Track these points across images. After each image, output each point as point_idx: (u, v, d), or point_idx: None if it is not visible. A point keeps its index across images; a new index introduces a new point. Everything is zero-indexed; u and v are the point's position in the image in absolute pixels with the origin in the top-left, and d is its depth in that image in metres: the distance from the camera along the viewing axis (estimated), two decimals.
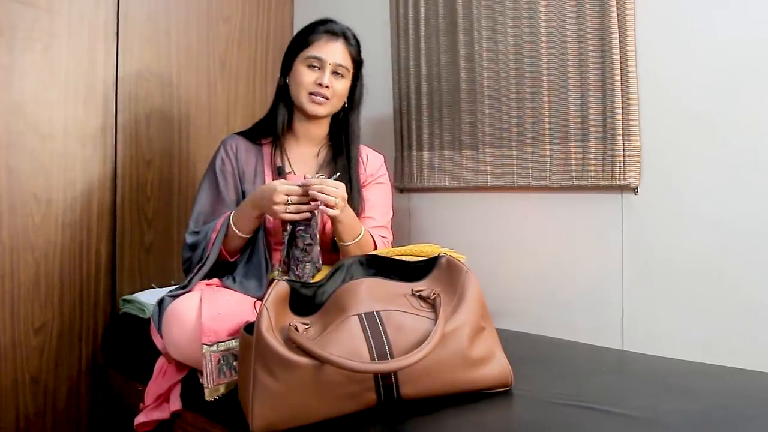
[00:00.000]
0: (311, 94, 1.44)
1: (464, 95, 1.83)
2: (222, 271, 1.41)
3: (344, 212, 1.33)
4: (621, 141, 1.49)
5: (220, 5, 2.19)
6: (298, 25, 2.40)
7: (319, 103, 1.45)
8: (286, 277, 1.14)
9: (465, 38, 1.82)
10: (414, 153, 1.97)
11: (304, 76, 1.44)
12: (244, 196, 1.46)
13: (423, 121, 1.94)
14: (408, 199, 2.02)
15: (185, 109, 2.09)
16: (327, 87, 1.43)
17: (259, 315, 0.95)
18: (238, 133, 1.55)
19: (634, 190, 1.51)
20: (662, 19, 1.46)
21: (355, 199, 1.49)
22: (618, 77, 1.49)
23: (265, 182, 1.45)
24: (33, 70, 1.75)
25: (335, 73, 1.45)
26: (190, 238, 1.44)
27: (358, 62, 1.50)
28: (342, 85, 1.47)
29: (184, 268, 1.46)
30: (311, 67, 1.44)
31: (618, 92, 1.49)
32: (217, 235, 1.37)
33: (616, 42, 1.49)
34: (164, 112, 2.04)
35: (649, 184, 1.49)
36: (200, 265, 1.37)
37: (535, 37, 1.65)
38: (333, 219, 1.33)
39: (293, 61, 1.48)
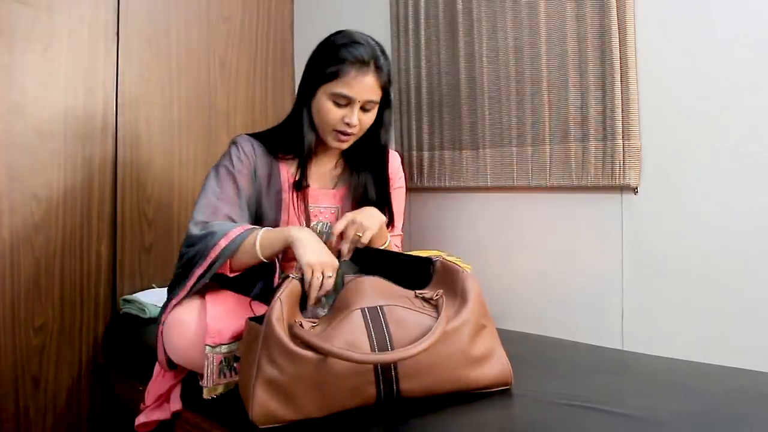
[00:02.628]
0: (337, 131, 1.31)
1: (464, 95, 1.83)
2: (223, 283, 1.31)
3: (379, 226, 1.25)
4: (621, 141, 1.49)
5: (220, 5, 2.19)
6: (299, 25, 2.41)
7: (345, 141, 1.33)
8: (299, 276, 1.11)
9: (465, 38, 1.82)
10: (414, 153, 1.97)
11: (330, 114, 1.29)
12: (258, 206, 1.36)
13: (423, 121, 1.94)
14: (408, 199, 2.01)
15: (185, 109, 2.09)
16: (356, 125, 1.30)
17: (272, 306, 0.96)
18: (254, 137, 1.39)
19: (634, 190, 1.51)
20: (662, 19, 1.46)
21: (391, 216, 1.42)
22: (618, 77, 1.49)
23: (282, 199, 1.35)
24: (33, 70, 1.75)
25: (363, 108, 1.30)
26: (196, 230, 1.24)
27: (387, 90, 1.34)
28: (369, 117, 1.33)
29: (181, 263, 1.25)
30: (338, 103, 1.28)
31: (618, 92, 1.49)
32: (228, 244, 1.18)
33: (616, 42, 1.49)
34: (164, 111, 2.04)
35: (649, 184, 1.49)
36: (201, 271, 1.20)
37: (535, 37, 1.65)
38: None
39: (316, 89, 1.30)
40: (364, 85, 1.27)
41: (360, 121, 1.30)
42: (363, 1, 2.17)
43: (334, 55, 1.28)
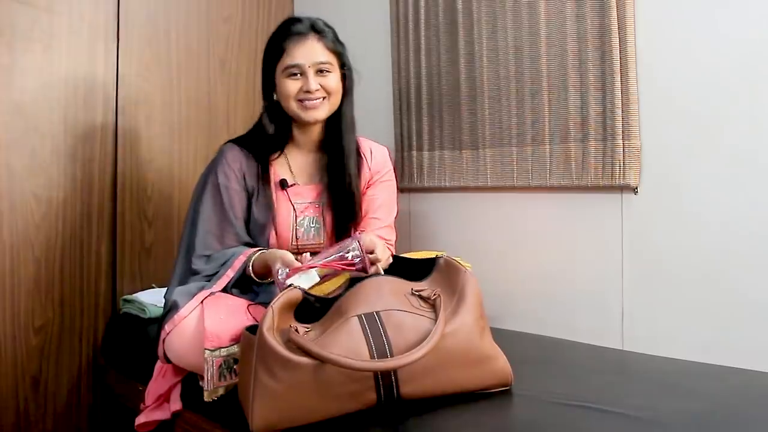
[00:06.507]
0: (301, 101, 1.36)
1: (464, 95, 1.83)
2: None
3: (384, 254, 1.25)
4: (621, 141, 1.49)
5: (220, 5, 2.19)
6: None
7: (314, 107, 1.36)
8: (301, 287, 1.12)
9: (465, 38, 1.82)
10: (414, 153, 1.97)
11: (288, 87, 1.35)
12: (249, 210, 1.39)
13: (423, 121, 1.94)
14: (408, 199, 2.02)
15: (185, 109, 2.09)
16: (317, 90, 1.35)
17: (264, 316, 0.95)
18: (236, 143, 1.43)
19: (634, 190, 1.51)
20: (662, 18, 1.46)
21: (354, 205, 1.42)
22: (618, 77, 1.48)
23: (266, 198, 1.38)
24: (33, 70, 1.75)
25: (319, 71, 1.36)
26: (198, 264, 1.31)
27: (338, 52, 1.40)
28: (332, 81, 1.37)
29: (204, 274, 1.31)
30: (292, 76, 1.35)
31: (618, 92, 1.49)
32: (234, 275, 1.27)
33: (616, 42, 1.49)
34: (164, 111, 2.04)
35: (649, 184, 1.49)
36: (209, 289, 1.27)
37: (535, 37, 1.65)
38: None
39: (274, 76, 1.39)
40: (308, 50, 1.35)
41: (321, 85, 1.36)
42: (363, 1, 2.17)
43: (277, 37, 1.39)
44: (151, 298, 1.80)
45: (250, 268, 1.27)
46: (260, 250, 1.31)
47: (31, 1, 1.74)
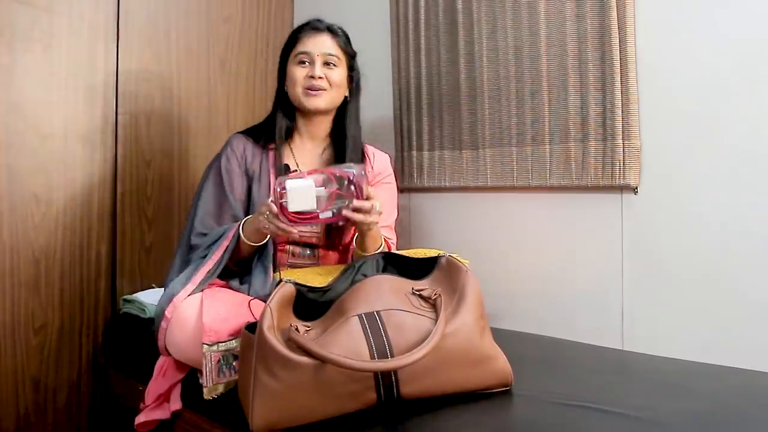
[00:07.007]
0: (306, 88, 1.43)
1: (464, 95, 1.83)
2: (224, 273, 1.38)
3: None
4: (621, 141, 1.49)
5: (220, 5, 2.19)
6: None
7: (316, 95, 1.43)
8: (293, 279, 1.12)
9: (465, 38, 1.82)
10: (414, 153, 1.97)
11: (297, 73, 1.44)
12: (250, 196, 1.44)
13: (423, 121, 1.94)
14: (408, 199, 2.02)
15: (185, 109, 2.09)
16: (321, 78, 1.42)
17: (262, 314, 0.95)
18: (243, 133, 1.52)
19: (634, 190, 1.51)
20: (662, 18, 1.46)
21: None
22: (618, 77, 1.49)
23: (269, 182, 1.44)
24: (33, 70, 1.75)
25: (327, 63, 1.44)
26: (197, 240, 1.38)
27: (348, 53, 1.50)
28: (337, 74, 1.45)
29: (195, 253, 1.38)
30: (301, 63, 1.44)
31: (618, 92, 1.49)
32: (229, 243, 1.32)
33: (616, 42, 1.49)
34: (164, 111, 2.04)
35: (649, 184, 1.49)
36: (209, 269, 1.31)
37: (535, 37, 1.65)
38: (361, 231, 1.31)
39: (287, 65, 1.48)
40: (319, 41, 1.45)
41: (326, 75, 1.43)
42: (363, 1, 2.17)
43: (295, 31, 1.50)
44: (151, 298, 1.79)
45: (241, 231, 1.32)
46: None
47: (31, 1, 1.74)
